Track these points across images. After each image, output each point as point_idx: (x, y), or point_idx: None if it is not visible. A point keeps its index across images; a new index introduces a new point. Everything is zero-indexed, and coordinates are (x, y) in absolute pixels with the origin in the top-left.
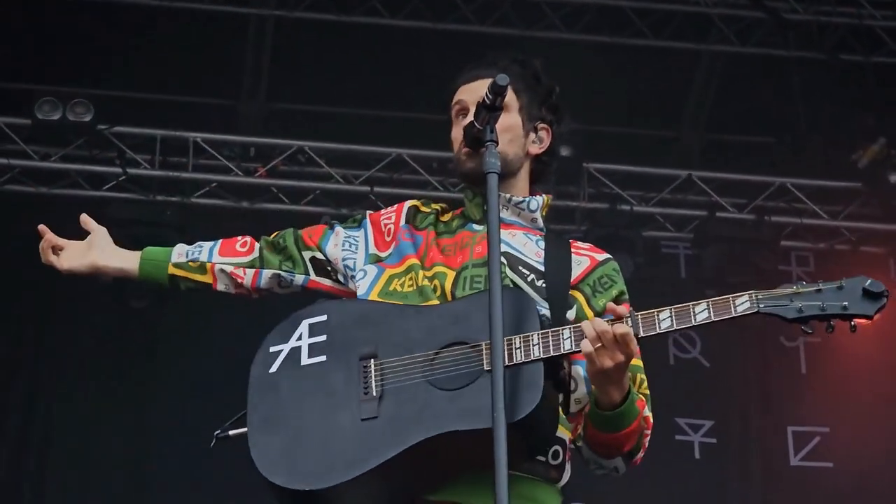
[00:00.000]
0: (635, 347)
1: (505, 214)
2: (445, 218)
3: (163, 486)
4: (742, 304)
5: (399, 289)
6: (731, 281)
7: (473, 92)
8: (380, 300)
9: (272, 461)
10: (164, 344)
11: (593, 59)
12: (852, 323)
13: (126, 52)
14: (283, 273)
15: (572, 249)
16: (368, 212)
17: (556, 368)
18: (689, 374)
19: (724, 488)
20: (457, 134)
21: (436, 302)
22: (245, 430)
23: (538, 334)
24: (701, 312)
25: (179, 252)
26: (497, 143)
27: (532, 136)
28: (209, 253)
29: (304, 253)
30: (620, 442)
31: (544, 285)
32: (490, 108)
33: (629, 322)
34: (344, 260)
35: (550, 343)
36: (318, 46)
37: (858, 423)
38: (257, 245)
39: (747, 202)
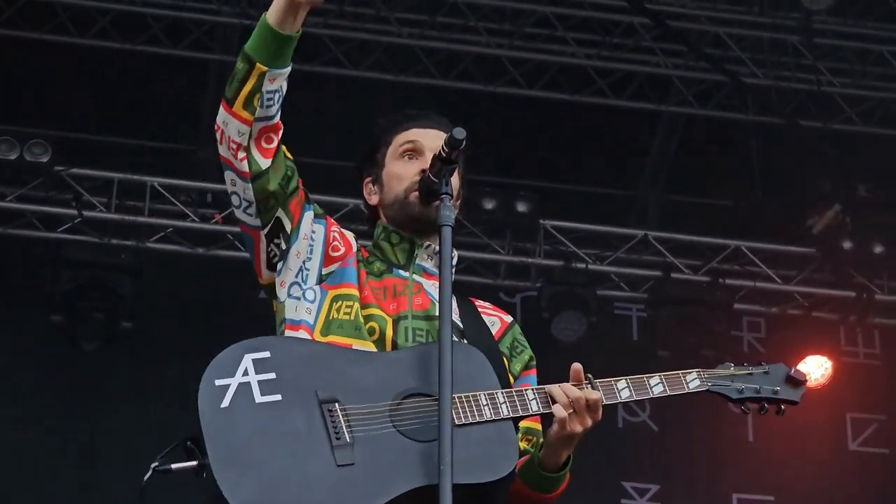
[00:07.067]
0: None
1: (429, 265)
2: (364, 257)
3: None
4: (693, 381)
5: (336, 315)
6: (683, 343)
7: (429, 138)
8: (320, 340)
9: (247, 500)
10: (114, 386)
11: (553, 115)
12: (781, 407)
13: (85, 94)
14: (258, 207)
15: (478, 308)
16: (326, 214)
17: (516, 429)
18: (637, 438)
19: None
20: (403, 171)
21: (370, 344)
22: (191, 464)
23: (503, 393)
24: (656, 385)
25: (278, 80)
26: (452, 196)
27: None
28: (269, 119)
29: (280, 209)
30: (548, 501)
31: (465, 343)
32: (446, 161)
33: (589, 388)
34: (303, 262)
35: (517, 403)
36: None
37: (803, 492)
38: (272, 159)
39: (702, 264)
